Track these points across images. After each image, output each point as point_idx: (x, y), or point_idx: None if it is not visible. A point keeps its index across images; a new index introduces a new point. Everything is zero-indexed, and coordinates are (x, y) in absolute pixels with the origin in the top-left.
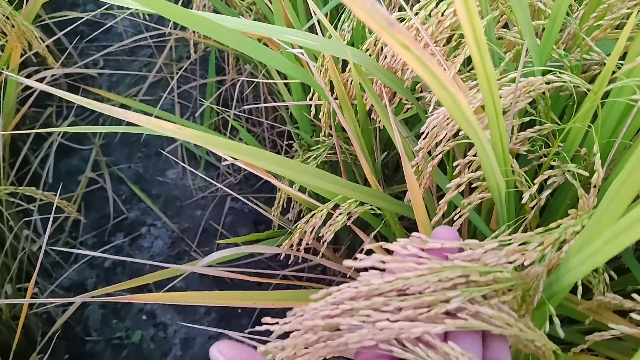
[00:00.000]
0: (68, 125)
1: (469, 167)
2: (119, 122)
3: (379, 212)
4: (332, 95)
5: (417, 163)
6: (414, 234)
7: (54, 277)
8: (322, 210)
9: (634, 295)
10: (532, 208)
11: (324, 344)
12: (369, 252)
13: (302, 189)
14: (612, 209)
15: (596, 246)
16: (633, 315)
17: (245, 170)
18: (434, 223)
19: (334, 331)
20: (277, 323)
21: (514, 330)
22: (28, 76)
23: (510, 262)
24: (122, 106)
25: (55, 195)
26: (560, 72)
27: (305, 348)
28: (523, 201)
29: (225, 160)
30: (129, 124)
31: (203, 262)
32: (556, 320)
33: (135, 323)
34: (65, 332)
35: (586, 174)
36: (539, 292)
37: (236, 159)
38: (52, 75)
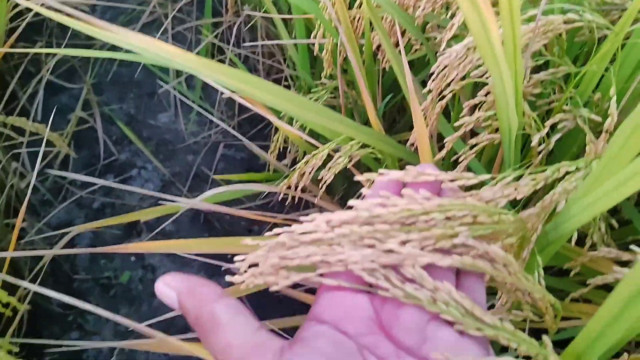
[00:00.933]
0: (58, 62)
1: (479, 108)
2: (111, 61)
3: (379, 156)
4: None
5: (425, 107)
6: (408, 166)
7: (42, 216)
8: (323, 151)
9: (633, 247)
10: (539, 153)
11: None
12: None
13: (301, 129)
14: (621, 155)
15: (601, 192)
16: (631, 257)
17: (239, 116)
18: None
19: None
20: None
21: (513, 278)
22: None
23: (505, 197)
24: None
25: (46, 128)
26: (582, 11)
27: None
28: (532, 143)
29: (223, 94)
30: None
31: (198, 198)
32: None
33: (123, 264)
34: (53, 270)
35: (598, 119)
36: (536, 234)
37: (234, 92)
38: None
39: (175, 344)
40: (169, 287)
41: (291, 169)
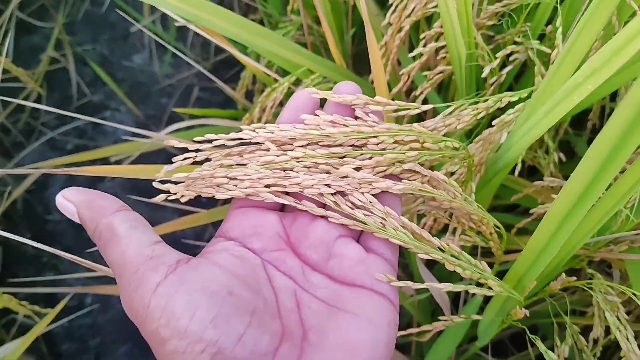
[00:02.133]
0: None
1: (436, 40)
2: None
3: None
4: None
5: (385, 42)
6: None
7: (14, 158)
8: (283, 84)
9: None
10: (492, 85)
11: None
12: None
13: (268, 67)
14: (554, 81)
15: (538, 116)
16: None
17: (215, 57)
18: (393, 95)
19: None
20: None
21: (456, 202)
22: None
23: (446, 126)
24: None
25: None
26: None
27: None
28: (483, 75)
29: (178, 22)
30: None
31: (163, 132)
32: None
33: None
34: (27, 211)
35: (548, 50)
36: (483, 167)
37: (190, 21)
38: None
39: None
40: (68, 200)
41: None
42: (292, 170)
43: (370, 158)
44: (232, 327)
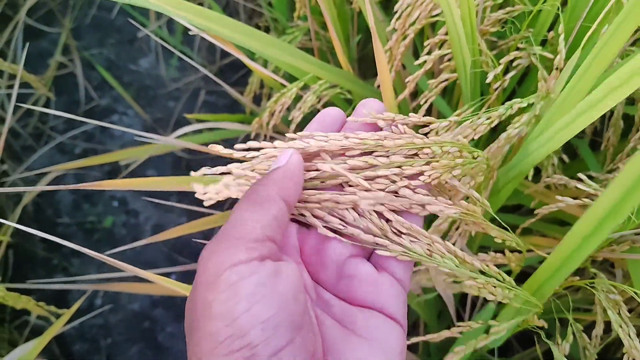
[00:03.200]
0: (36, 5)
1: (440, 47)
2: (89, 4)
3: (349, 97)
4: None
5: (390, 47)
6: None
7: (24, 161)
8: (291, 89)
9: (580, 175)
10: (496, 90)
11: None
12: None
13: (275, 72)
14: (574, 95)
15: (556, 128)
16: (579, 185)
17: (221, 62)
18: (399, 101)
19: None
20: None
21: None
22: None
23: (465, 136)
24: None
25: (27, 72)
26: None
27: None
28: (488, 80)
29: (192, 32)
30: None
31: (172, 136)
32: None
33: (106, 209)
34: (37, 215)
35: (551, 56)
36: (496, 173)
37: (203, 31)
38: None
39: (158, 282)
40: (290, 157)
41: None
42: (347, 184)
43: (427, 164)
44: (276, 337)
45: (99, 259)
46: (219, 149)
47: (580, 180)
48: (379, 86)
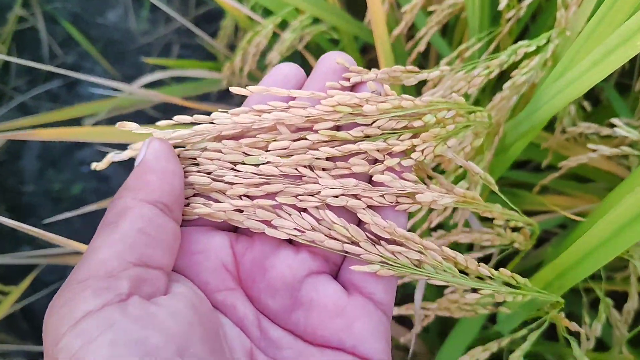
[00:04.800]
0: None
1: None
2: None
3: (334, 36)
4: None
5: None
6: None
7: None
8: (267, 26)
9: (613, 120)
10: (509, 20)
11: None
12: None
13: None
14: (603, 26)
15: (580, 69)
16: (617, 129)
17: (196, 11)
18: (393, 39)
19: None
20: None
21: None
22: None
23: (455, 91)
24: None
25: None
26: None
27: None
28: (500, 6)
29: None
30: None
31: (136, 84)
32: None
33: (75, 175)
34: (1, 183)
35: None
36: (501, 129)
37: None
38: None
39: None
40: (147, 148)
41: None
42: (308, 168)
43: (414, 136)
44: None
45: (32, 233)
46: (134, 127)
47: (613, 126)
48: (370, 22)
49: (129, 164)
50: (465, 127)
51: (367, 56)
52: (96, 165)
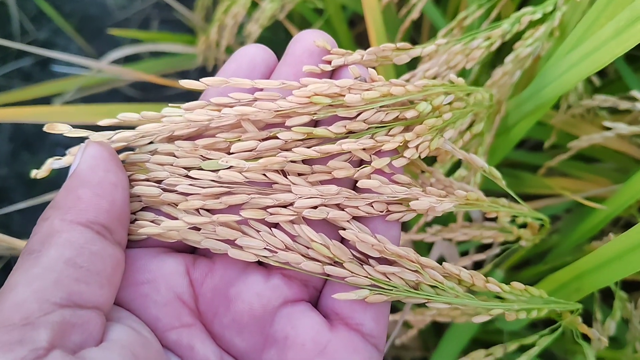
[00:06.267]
0: None
1: None
2: None
3: (318, 5)
4: None
5: None
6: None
7: None
8: None
9: (633, 93)
10: None
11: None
12: None
13: None
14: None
15: (597, 41)
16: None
17: None
18: (383, 6)
19: None
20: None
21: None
22: None
23: (452, 67)
24: None
25: None
26: None
27: None
28: None
29: None
30: None
31: (106, 59)
32: None
33: (50, 157)
34: None
35: None
36: (504, 108)
37: None
38: None
39: None
40: (82, 154)
41: None
42: (280, 173)
43: (405, 130)
44: None
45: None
46: (65, 129)
47: (631, 99)
48: None
49: None
50: (464, 114)
51: (355, 30)
52: (36, 173)
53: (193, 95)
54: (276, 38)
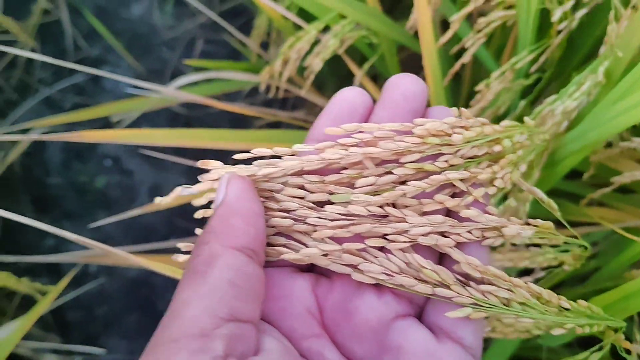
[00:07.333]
0: None
1: None
2: None
3: (374, 41)
4: None
5: None
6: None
7: (8, 117)
8: (310, 31)
9: None
10: (559, 32)
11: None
12: None
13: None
14: None
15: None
16: None
17: (221, 6)
18: (439, 46)
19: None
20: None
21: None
22: None
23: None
24: None
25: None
26: None
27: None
28: (553, 19)
29: None
30: None
31: (172, 86)
32: None
33: (99, 169)
34: (26, 175)
35: None
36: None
37: None
38: None
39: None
40: (228, 186)
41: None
42: (391, 206)
43: (492, 163)
44: None
45: (77, 242)
46: (216, 165)
47: None
48: (412, 28)
49: (155, 161)
50: (530, 151)
51: (399, 55)
52: (160, 200)
53: (235, 115)
54: (337, 71)
